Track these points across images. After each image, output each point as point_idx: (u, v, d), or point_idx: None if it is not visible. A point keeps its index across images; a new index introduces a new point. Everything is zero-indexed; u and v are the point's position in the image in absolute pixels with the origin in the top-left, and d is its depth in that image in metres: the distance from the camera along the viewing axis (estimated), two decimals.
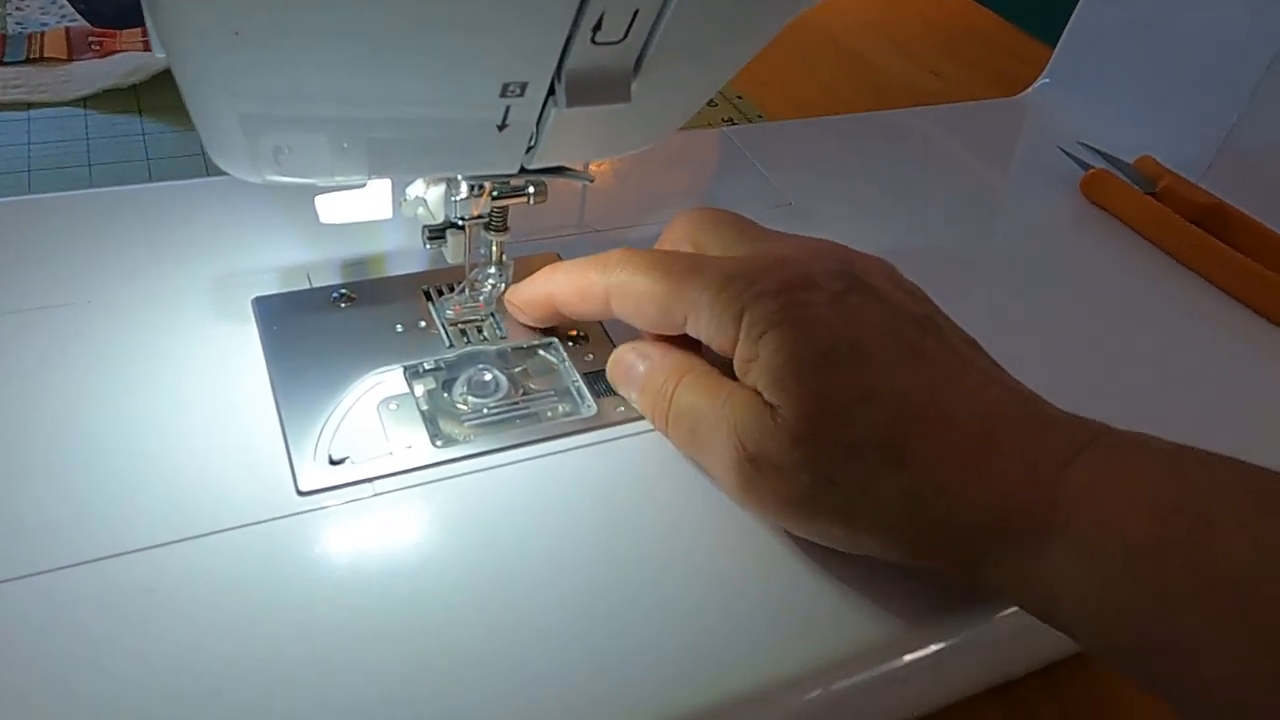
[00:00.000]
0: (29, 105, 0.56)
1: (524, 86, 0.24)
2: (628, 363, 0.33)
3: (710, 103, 0.64)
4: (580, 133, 0.27)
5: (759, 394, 0.27)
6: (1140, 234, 0.47)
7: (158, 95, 0.59)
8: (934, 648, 0.28)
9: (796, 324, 0.27)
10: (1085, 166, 0.50)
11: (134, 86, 0.59)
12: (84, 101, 0.57)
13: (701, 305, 0.29)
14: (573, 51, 0.23)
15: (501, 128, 0.26)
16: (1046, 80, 0.57)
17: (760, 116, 0.65)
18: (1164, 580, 0.22)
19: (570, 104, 0.25)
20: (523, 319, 0.35)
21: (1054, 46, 0.57)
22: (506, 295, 0.35)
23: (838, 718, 0.28)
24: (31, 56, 0.59)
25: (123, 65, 0.58)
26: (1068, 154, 0.51)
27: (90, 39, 0.60)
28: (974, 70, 0.72)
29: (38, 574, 0.26)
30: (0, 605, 0.25)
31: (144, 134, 0.56)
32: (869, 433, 0.26)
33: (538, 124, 0.26)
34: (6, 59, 0.58)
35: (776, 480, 0.27)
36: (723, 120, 0.65)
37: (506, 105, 0.25)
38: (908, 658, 0.28)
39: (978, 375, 0.27)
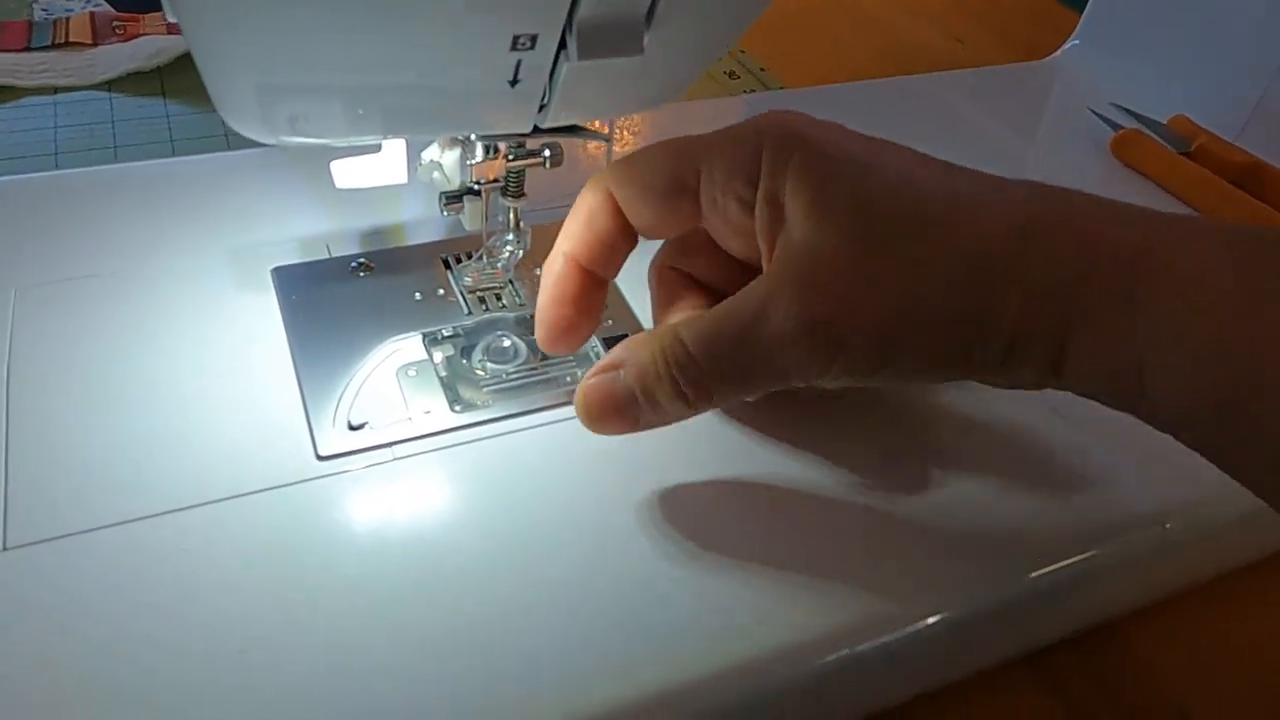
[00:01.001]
0: (55, 89, 0.57)
1: (534, 39, 0.24)
2: (603, 386, 0.27)
3: (732, 75, 0.63)
4: (593, 88, 0.27)
5: (788, 258, 0.25)
6: (1174, 194, 0.46)
7: (181, 77, 0.60)
8: (954, 614, 0.28)
9: (819, 145, 0.25)
10: (1116, 127, 0.49)
11: (158, 69, 0.59)
12: (109, 85, 0.58)
13: (714, 152, 0.26)
14: (583, 2, 0.23)
15: (513, 83, 0.25)
16: (1076, 42, 0.56)
17: (763, 70, 0.64)
18: (1263, 337, 0.21)
19: (582, 57, 0.24)
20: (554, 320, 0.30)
21: (1080, 12, 0.56)
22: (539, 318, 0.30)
23: (862, 681, 0.27)
24: (57, 41, 0.59)
25: (146, 48, 0.59)
26: (1098, 115, 0.50)
27: (114, 23, 0.61)
28: (999, 37, 0.70)
29: (66, 536, 0.26)
30: (30, 567, 0.26)
31: (168, 116, 0.57)
32: (921, 209, 0.24)
33: (550, 79, 0.26)
34: (33, 44, 0.59)
35: (857, 319, 0.24)
36: (725, 74, 0.64)
37: (517, 59, 0.24)
38: (928, 621, 0.27)
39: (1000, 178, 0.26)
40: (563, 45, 0.25)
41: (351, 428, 0.30)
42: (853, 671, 0.27)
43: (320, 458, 0.29)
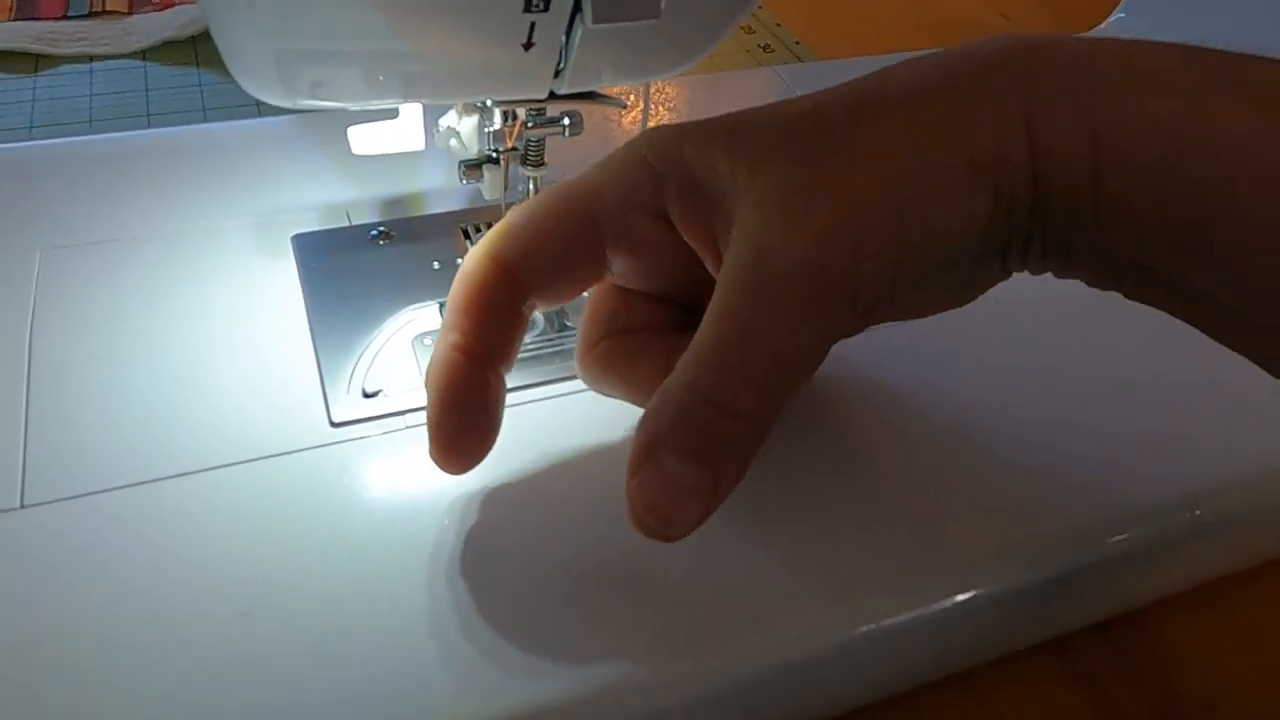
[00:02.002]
0: (91, 58, 0.58)
1: (548, 1, 0.23)
2: (651, 478, 0.22)
3: (767, 48, 0.62)
4: (608, 53, 0.26)
5: (740, 238, 0.22)
6: None
7: (214, 47, 0.60)
8: (977, 597, 0.27)
9: (699, 124, 0.24)
10: None
11: (191, 39, 0.59)
12: (143, 54, 0.58)
13: (601, 187, 0.24)
14: None
15: (527, 47, 0.25)
16: (1122, 15, 0.54)
17: (798, 43, 0.63)
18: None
19: (596, 20, 0.24)
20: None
21: None
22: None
23: (875, 662, 0.27)
24: (94, 10, 0.60)
25: (180, 17, 0.59)
26: None
27: None
28: (1044, 8, 0.68)
29: (82, 496, 0.27)
30: (47, 525, 0.26)
31: (200, 85, 0.57)
32: (855, 98, 0.22)
33: (565, 43, 0.25)
34: (70, 13, 0.59)
35: (841, 235, 0.21)
36: (760, 47, 0.63)
37: (531, 21, 0.24)
38: (953, 601, 0.27)
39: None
40: (578, 8, 0.24)
41: (366, 395, 0.30)
42: (877, 651, 0.26)
43: (334, 424, 0.29)
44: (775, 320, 0.21)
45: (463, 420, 0.24)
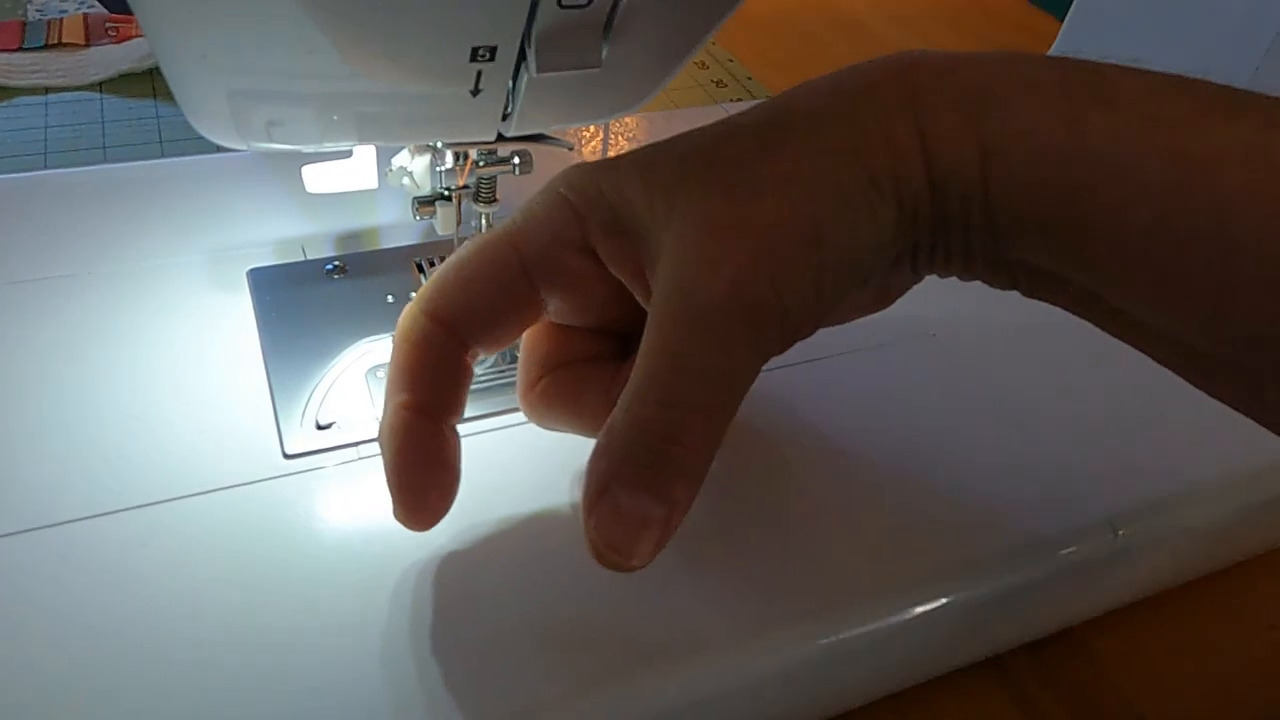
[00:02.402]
0: (47, 89, 0.58)
1: (493, 51, 0.24)
2: (608, 514, 0.22)
3: (720, 83, 0.64)
4: (555, 99, 0.27)
5: (668, 267, 0.22)
6: None
7: None
8: (907, 616, 0.28)
9: (607, 163, 0.24)
10: None
11: (149, 71, 0.60)
12: (100, 86, 0.58)
13: (524, 231, 0.24)
14: (540, 14, 0.24)
15: (475, 93, 0.26)
16: (1061, 46, 0.57)
17: (750, 79, 0.65)
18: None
19: (540, 69, 0.25)
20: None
21: (1060, 18, 0.57)
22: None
23: (811, 682, 0.28)
24: (50, 42, 0.60)
25: (138, 50, 0.60)
26: None
27: (107, 24, 0.61)
28: (980, 45, 0.71)
29: (32, 530, 0.27)
30: None
31: (158, 117, 0.58)
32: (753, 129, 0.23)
33: (511, 90, 0.26)
34: (26, 45, 0.59)
35: (756, 260, 0.21)
36: (713, 82, 0.64)
37: (478, 70, 0.25)
38: (885, 623, 0.28)
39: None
40: (523, 58, 0.25)
41: (319, 427, 0.31)
42: (813, 672, 0.27)
43: (287, 456, 0.30)
44: (708, 351, 0.22)
45: (425, 479, 0.24)
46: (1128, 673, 0.32)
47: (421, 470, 0.24)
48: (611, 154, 0.44)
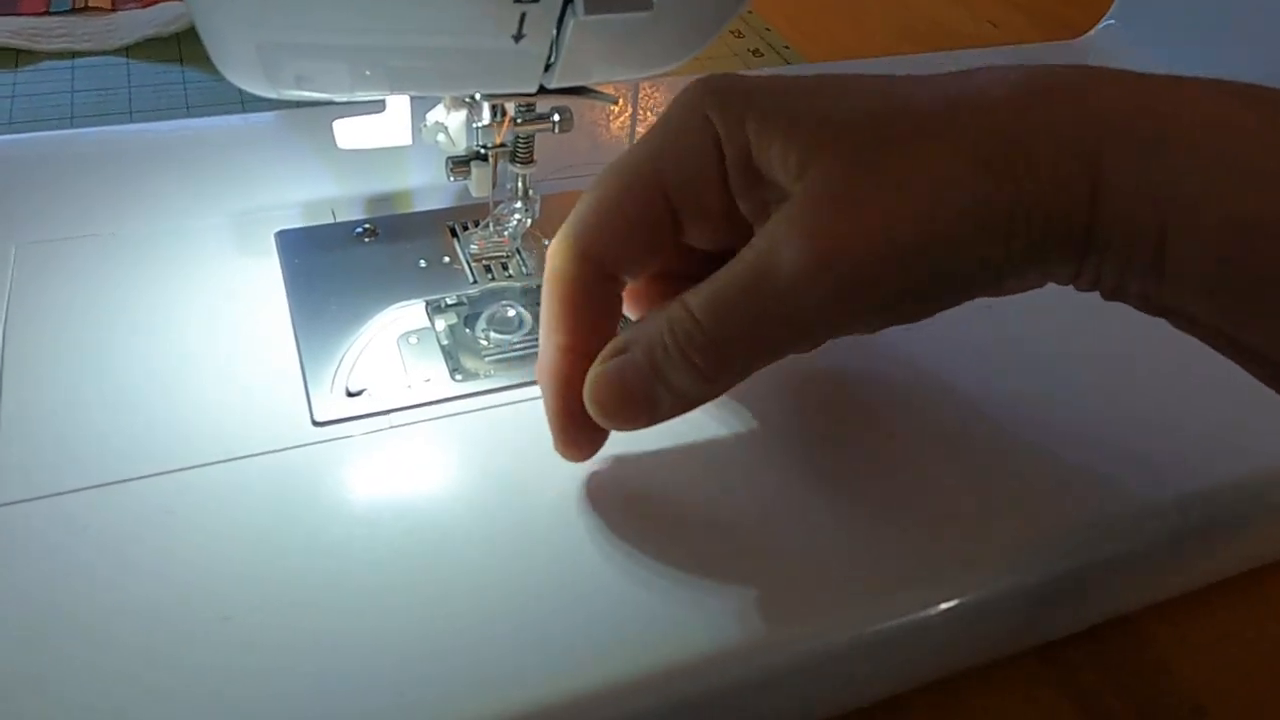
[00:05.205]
0: (74, 54, 0.57)
1: None
2: (612, 369, 0.24)
3: (756, 52, 0.62)
4: (599, 48, 0.26)
5: (777, 217, 0.22)
6: None
7: (199, 44, 0.59)
8: (964, 602, 0.27)
9: (766, 90, 0.23)
10: None
11: (176, 36, 0.59)
12: (126, 50, 0.58)
13: (666, 153, 0.24)
14: None
15: (517, 38, 0.24)
16: (1111, 21, 0.54)
17: (787, 48, 0.63)
18: None
19: (588, 11, 0.23)
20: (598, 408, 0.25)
21: None
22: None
23: (864, 666, 0.27)
24: (77, 6, 0.59)
25: (164, 14, 0.59)
26: None
27: None
28: (1029, 17, 0.69)
29: (61, 494, 0.26)
30: (24, 523, 0.25)
31: (184, 83, 0.57)
32: (917, 110, 0.22)
33: (555, 36, 0.25)
34: (53, 9, 0.59)
35: (864, 236, 0.21)
36: (749, 50, 0.63)
37: (522, 12, 0.24)
38: (939, 608, 0.27)
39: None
40: (569, 0, 0.24)
41: (350, 394, 0.30)
42: (863, 657, 0.26)
43: (316, 423, 0.29)
44: (767, 321, 0.22)
45: (583, 412, 0.25)
46: (1187, 663, 0.31)
47: (582, 408, 0.25)
48: (641, 128, 0.43)
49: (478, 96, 0.29)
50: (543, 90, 0.28)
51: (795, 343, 0.24)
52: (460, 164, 0.32)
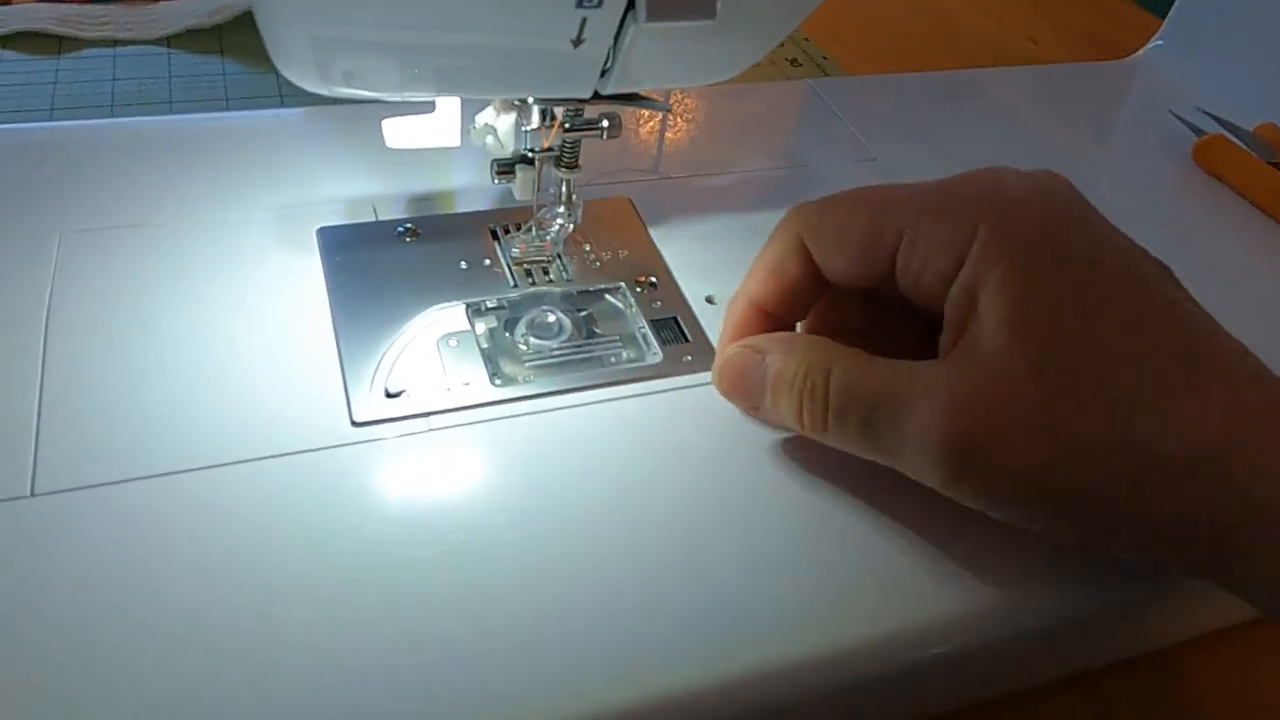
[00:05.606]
0: (115, 42, 0.57)
1: None
2: (745, 363, 0.27)
3: (794, 62, 0.62)
4: (658, 55, 0.26)
5: (966, 360, 0.23)
6: (1258, 206, 0.43)
7: (240, 36, 0.59)
8: (1000, 636, 0.26)
9: (1047, 250, 0.23)
10: (1199, 133, 0.47)
11: (217, 27, 0.59)
12: (168, 40, 0.58)
13: (923, 219, 0.24)
14: None
15: (576, 43, 0.24)
16: (1160, 42, 0.54)
17: (825, 58, 0.63)
18: None
19: (650, 18, 0.23)
20: (729, 385, 0.29)
21: (1160, 16, 0.54)
22: (714, 378, 0.30)
23: (902, 690, 0.26)
24: None
25: (206, 5, 0.59)
26: (1180, 119, 0.48)
27: None
28: (1070, 35, 0.68)
29: (94, 486, 0.26)
30: (56, 516, 0.25)
31: (224, 74, 0.57)
32: (1133, 392, 0.22)
33: (614, 42, 0.25)
34: None
35: (1007, 452, 0.22)
36: (787, 60, 0.62)
37: (583, 17, 0.23)
38: (970, 636, 0.26)
39: (1226, 335, 0.24)
40: (631, 4, 0.23)
41: (389, 395, 0.29)
42: (897, 683, 0.26)
43: (355, 424, 0.28)
44: (889, 439, 0.24)
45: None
46: (1224, 699, 0.30)
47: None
48: (670, 134, 0.42)
49: (529, 100, 0.29)
50: (596, 96, 0.27)
51: (889, 465, 0.25)
52: (505, 167, 0.32)
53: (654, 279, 0.35)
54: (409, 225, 0.35)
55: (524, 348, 0.32)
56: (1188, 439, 0.22)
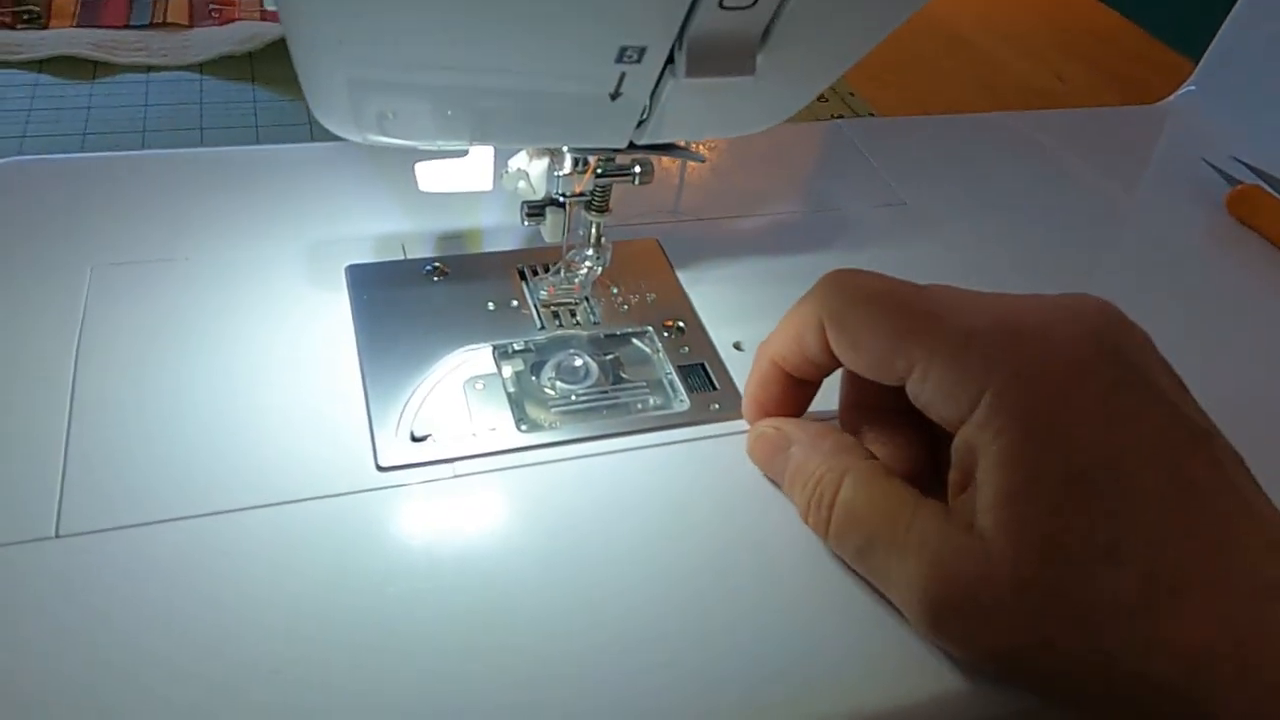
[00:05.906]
0: (149, 68, 0.58)
1: (642, 52, 0.22)
2: (772, 442, 0.29)
3: (820, 98, 0.62)
4: (695, 108, 0.25)
5: (957, 520, 0.23)
6: None
7: (271, 65, 0.60)
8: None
9: (1048, 433, 0.22)
10: (1233, 181, 0.46)
11: (249, 55, 0.59)
12: (200, 67, 0.58)
13: (934, 363, 0.24)
14: (698, 15, 0.22)
15: (614, 97, 0.24)
16: (1193, 88, 0.53)
17: (871, 114, 0.62)
18: None
19: (690, 74, 0.23)
20: (751, 421, 0.30)
21: (1186, 52, 0.53)
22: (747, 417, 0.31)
23: None
24: (155, 21, 0.60)
25: (240, 33, 0.59)
26: (1214, 167, 0.47)
27: (211, 6, 0.61)
28: (1101, 75, 0.68)
29: (118, 529, 0.26)
30: (80, 557, 0.25)
31: (255, 101, 0.57)
32: (1110, 598, 0.22)
33: (652, 96, 0.25)
34: (132, 22, 0.60)
35: (980, 627, 0.23)
36: (832, 117, 0.62)
37: (622, 72, 0.23)
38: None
39: (1251, 525, 0.22)
40: (670, 60, 0.23)
41: (414, 439, 0.29)
42: None
43: (380, 468, 0.28)
44: (880, 574, 0.25)
45: (767, 408, 0.30)
46: None
47: (769, 403, 0.30)
48: (691, 169, 0.42)
49: (564, 148, 0.29)
50: (632, 145, 0.27)
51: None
52: (535, 209, 0.32)
53: (681, 323, 0.34)
54: (437, 264, 0.35)
55: (550, 392, 0.31)
56: (1158, 657, 0.21)
